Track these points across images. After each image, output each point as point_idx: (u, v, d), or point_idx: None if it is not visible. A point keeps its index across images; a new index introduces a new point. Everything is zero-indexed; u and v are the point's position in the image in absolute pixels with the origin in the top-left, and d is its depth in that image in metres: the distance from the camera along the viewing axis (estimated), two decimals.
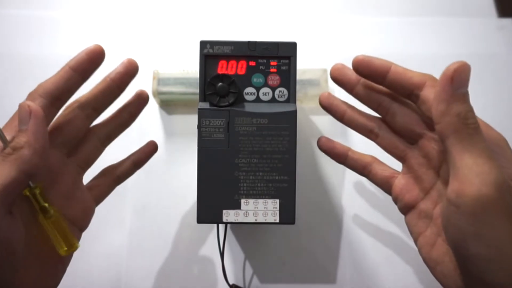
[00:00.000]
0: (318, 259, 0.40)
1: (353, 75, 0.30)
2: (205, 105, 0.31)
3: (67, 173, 0.30)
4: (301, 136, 0.32)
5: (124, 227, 0.39)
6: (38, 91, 0.28)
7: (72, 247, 0.28)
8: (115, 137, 0.33)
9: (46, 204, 0.27)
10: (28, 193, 0.27)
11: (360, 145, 0.33)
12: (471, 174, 0.22)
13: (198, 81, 0.31)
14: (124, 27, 0.46)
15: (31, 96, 0.28)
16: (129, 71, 0.31)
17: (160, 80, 0.41)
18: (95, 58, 0.29)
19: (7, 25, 0.46)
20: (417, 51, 0.46)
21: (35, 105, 0.26)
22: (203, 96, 0.31)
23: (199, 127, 0.30)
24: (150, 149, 0.34)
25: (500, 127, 0.46)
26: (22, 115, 0.25)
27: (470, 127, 0.23)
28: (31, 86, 0.28)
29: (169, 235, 0.40)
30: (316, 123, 0.43)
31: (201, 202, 0.30)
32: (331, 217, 0.41)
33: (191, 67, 0.41)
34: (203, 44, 0.31)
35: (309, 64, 0.41)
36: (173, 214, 0.41)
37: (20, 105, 0.26)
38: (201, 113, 0.30)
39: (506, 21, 0.47)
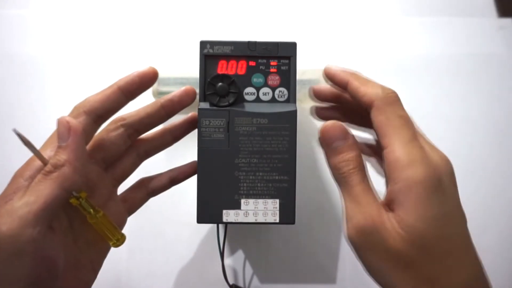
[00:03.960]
0: (318, 259, 0.40)
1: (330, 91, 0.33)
2: (205, 105, 0.31)
3: (103, 187, 0.30)
4: (301, 136, 0.32)
5: (124, 227, 0.39)
6: (84, 106, 0.27)
7: (121, 239, 0.29)
8: (153, 154, 0.32)
9: (93, 208, 0.27)
10: (76, 202, 0.27)
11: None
12: (345, 218, 0.26)
13: (198, 81, 0.31)
14: (124, 27, 0.46)
15: (76, 110, 0.27)
16: (184, 102, 0.30)
17: (160, 80, 0.41)
18: (146, 81, 0.29)
19: None
20: (417, 51, 0.46)
21: (74, 122, 0.25)
22: (203, 96, 0.31)
23: (199, 127, 0.30)
24: (190, 170, 0.33)
25: (499, 127, 0.46)
26: (61, 131, 0.25)
27: (342, 175, 0.27)
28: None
29: (169, 235, 0.40)
30: (316, 123, 0.43)
31: (201, 202, 0.30)
32: (331, 217, 0.41)
33: (191, 67, 0.41)
34: (203, 44, 0.31)
35: (309, 64, 0.41)
36: (173, 214, 0.41)
37: (59, 120, 0.25)
38: (201, 113, 0.30)
39: (506, 21, 0.47)
